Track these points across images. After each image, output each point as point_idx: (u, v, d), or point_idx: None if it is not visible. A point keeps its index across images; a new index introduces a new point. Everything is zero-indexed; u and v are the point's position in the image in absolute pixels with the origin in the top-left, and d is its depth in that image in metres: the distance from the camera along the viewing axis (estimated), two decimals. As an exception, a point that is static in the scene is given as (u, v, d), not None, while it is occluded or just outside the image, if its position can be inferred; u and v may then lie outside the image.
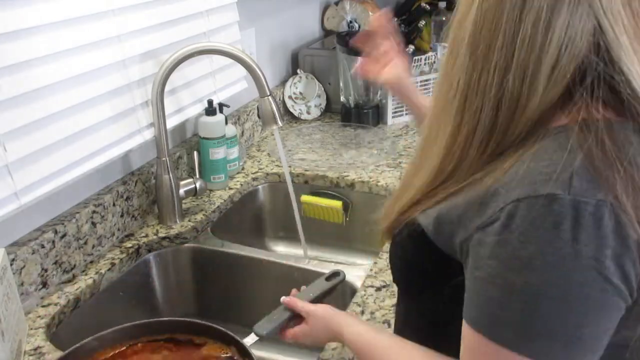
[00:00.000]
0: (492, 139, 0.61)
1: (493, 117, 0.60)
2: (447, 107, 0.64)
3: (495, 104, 0.60)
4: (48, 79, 1.03)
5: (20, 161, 1.00)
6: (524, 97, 0.58)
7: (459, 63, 0.62)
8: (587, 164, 0.54)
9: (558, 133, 0.58)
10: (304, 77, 2.00)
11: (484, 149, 0.62)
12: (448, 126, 0.64)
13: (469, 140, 0.63)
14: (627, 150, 0.55)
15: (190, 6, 1.38)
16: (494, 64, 0.59)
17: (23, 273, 1.04)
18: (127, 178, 1.30)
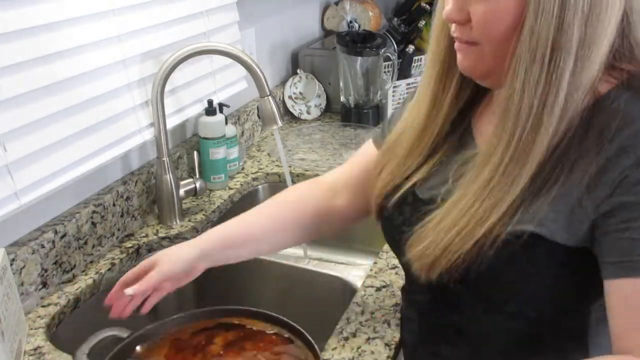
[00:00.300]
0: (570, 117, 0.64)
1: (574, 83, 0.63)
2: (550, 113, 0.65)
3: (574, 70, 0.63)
4: (48, 79, 1.03)
5: (20, 161, 1.00)
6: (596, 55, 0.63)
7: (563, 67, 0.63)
8: None
9: (618, 93, 0.64)
10: (304, 77, 2.00)
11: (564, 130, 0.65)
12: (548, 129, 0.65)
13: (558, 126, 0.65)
14: None
15: (190, 6, 1.38)
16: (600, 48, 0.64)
17: (23, 273, 1.04)
18: (127, 178, 1.30)
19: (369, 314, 1.02)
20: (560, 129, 0.65)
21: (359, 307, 1.04)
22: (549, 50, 0.62)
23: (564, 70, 0.62)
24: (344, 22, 2.20)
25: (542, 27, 0.61)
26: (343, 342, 0.96)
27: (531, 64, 0.63)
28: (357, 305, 1.05)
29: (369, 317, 1.02)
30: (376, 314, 1.02)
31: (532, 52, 0.63)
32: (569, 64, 0.62)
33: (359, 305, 1.05)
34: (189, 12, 1.37)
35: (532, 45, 0.63)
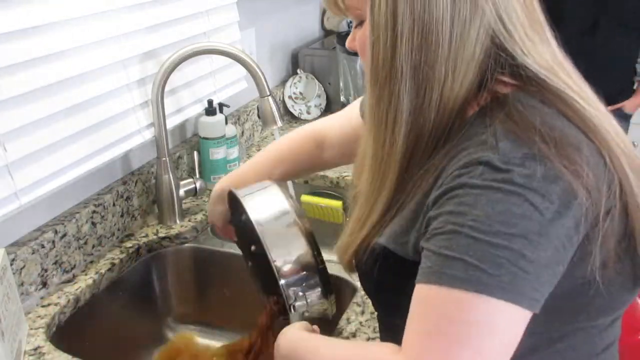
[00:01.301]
0: (418, 132, 0.67)
1: (417, 108, 0.66)
2: (392, 130, 0.68)
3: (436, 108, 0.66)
4: (48, 79, 1.03)
5: (20, 161, 1.00)
6: (454, 91, 0.65)
7: (398, 95, 0.66)
8: (507, 131, 0.61)
9: (475, 119, 0.65)
10: (304, 77, 2.00)
11: (417, 147, 0.67)
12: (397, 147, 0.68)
13: (417, 151, 0.68)
14: (535, 113, 0.62)
15: (190, 6, 1.38)
16: (437, 75, 0.64)
17: (23, 273, 1.04)
18: (127, 178, 1.30)
19: (369, 314, 1.02)
20: (410, 148, 0.68)
21: (359, 307, 1.04)
22: (385, 74, 0.66)
23: (400, 91, 0.65)
24: (344, 22, 2.20)
25: (379, 55, 0.65)
26: (343, 342, 0.95)
27: (374, 86, 0.67)
28: (357, 305, 1.05)
29: (369, 317, 1.01)
30: (376, 314, 1.02)
31: (374, 76, 0.67)
32: (405, 86, 0.65)
33: (359, 305, 1.05)
34: (189, 12, 1.37)
35: (372, 70, 0.67)
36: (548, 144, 0.59)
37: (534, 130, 0.60)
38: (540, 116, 0.62)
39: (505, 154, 0.59)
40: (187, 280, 1.33)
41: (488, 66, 0.65)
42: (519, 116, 0.62)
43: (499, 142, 0.60)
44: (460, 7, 0.63)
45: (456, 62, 0.64)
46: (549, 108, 0.64)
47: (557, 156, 0.59)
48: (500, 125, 0.62)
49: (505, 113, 0.63)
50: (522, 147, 0.59)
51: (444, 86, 0.65)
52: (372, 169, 0.72)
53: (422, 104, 0.65)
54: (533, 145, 0.59)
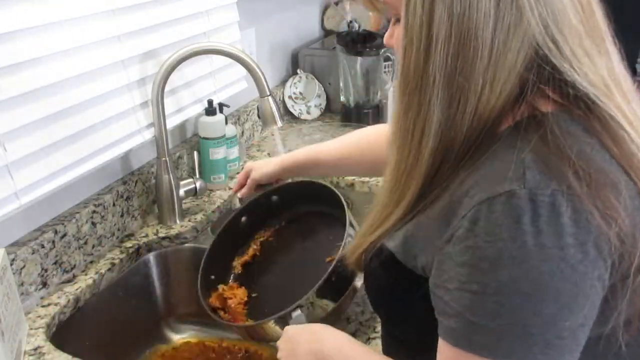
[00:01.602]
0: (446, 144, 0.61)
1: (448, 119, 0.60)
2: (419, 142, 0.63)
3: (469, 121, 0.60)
4: (48, 79, 1.03)
5: (20, 161, 1.00)
6: (491, 104, 0.59)
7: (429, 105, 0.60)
8: (537, 158, 0.55)
9: (507, 135, 0.59)
10: (304, 77, 2.00)
11: (454, 166, 0.62)
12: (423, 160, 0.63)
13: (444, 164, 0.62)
14: (572, 142, 0.56)
15: (190, 6, 1.38)
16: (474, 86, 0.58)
17: (23, 273, 1.04)
18: (127, 178, 1.30)
19: (369, 313, 1.02)
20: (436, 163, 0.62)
21: (359, 307, 1.04)
22: (417, 81, 0.60)
23: (432, 101, 0.60)
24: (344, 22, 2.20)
25: (411, 60, 0.60)
26: (343, 342, 0.95)
27: (404, 93, 0.62)
28: (357, 305, 1.05)
29: (369, 317, 1.01)
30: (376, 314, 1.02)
31: (405, 82, 0.62)
32: (437, 96, 0.59)
33: (359, 305, 1.05)
34: (189, 12, 1.37)
35: (403, 75, 0.62)
36: (581, 180, 0.53)
37: (569, 162, 0.54)
38: (578, 146, 0.56)
39: (531, 188, 0.53)
40: (187, 280, 1.33)
41: (529, 79, 0.59)
42: (555, 143, 0.55)
43: (526, 171, 0.54)
44: (505, 14, 0.56)
45: (495, 74, 0.58)
46: (591, 138, 0.57)
47: (589, 196, 0.53)
48: (531, 151, 0.55)
49: (539, 136, 0.56)
50: (552, 182, 0.53)
51: (480, 98, 0.59)
52: (392, 180, 0.67)
53: (454, 116, 0.60)
54: (564, 180, 0.53)
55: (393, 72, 1.88)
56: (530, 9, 0.56)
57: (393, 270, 0.67)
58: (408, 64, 0.61)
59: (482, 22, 0.56)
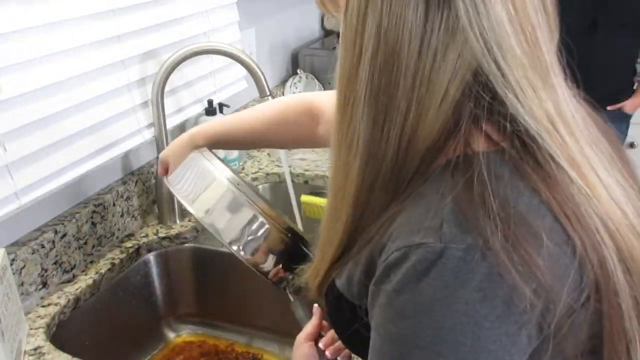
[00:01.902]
0: (390, 183, 0.58)
1: (393, 159, 0.56)
2: (347, 155, 0.59)
3: (395, 144, 0.56)
4: (48, 79, 1.03)
5: (20, 161, 1.00)
6: (420, 133, 0.55)
7: (357, 120, 0.57)
8: (456, 208, 0.51)
9: (436, 175, 0.56)
10: (304, 77, 2.00)
11: (384, 197, 0.59)
12: (353, 177, 0.60)
13: (373, 190, 0.59)
14: (498, 189, 0.52)
15: (190, 6, 1.38)
16: (398, 109, 0.54)
17: (23, 273, 1.04)
18: (127, 178, 1.30)
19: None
20: (365, 185, 0.59)
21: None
22: (347, 94, 0.57)
23: (357, 116, 0.56)
24: (344, 22, 2.20)
25: (344, 71, 0.57)
26: (343, 342, 0.95)
27: (338, 105, 0.59)
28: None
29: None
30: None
31: (339, 93, 0.59)
32: (363, 112, 0.56)
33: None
34: (189, 12, 1.37)
35: (338, 86, 0.59)
36: (500, 234, 0.50)
37: (489, 214, 0.50)
38: (504, 192, 0.52)
39: (446, 242, 0.50)
40: (187, 280, 1.34)
41: (466, 108, 0.53)
42: (479, 190, 0.51)
43: (444, 223, 0.51)
44: (434, 29, 0.51)
45: (423, 97, 0.53)
46: (521, 181, 0.53)
47: (506, 251, 0.49)
48: (453, 199, 0.52)
49: (465, 181, 0.52)
50: (468, 236, 0.50)
51: (405, 122, 0.54)
52: (329, 199, 0.64)
53: (379, 137, 0.56)
54: (481, 235, 0.50)
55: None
56: (469, 26, 0.51)
57: (346, 306, 0.64)
58: (342, 75, 0.57)
59: (407, 39, 0.52)
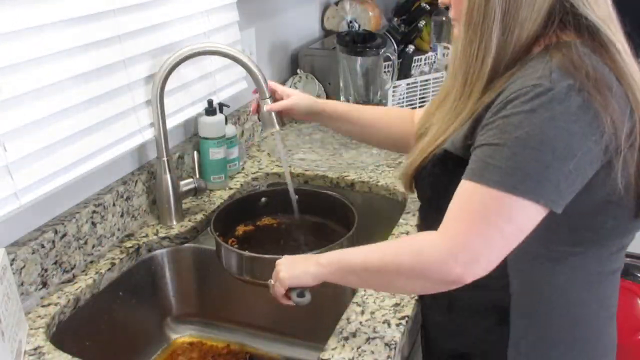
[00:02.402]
0: (499, 62, 0.82)
1: (501, 43, 0.81)
2: (482, 64, 0.83)
3: (516, 43, 0.81)
4: (48, 79, 1.03)
5: (20, 161, 1.00)
6: (529, 32, 0.81)
7: (490, 31, 0.81)
8: (560, 65, 0.76)
9: (540, 53, 0.80)
10: (304, 77, 2.00)
11: (491, 74, 0.82)
12: (482, 79, 0.83)
13: (494, 76, 0.83)
14: (584, 57, 0.77)
15: (190, 6, 1.38)
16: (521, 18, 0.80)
17: (23, 273, 1.04)
18: (127, 178, 1.30)
19: (369, 314, 1.02)
20: (490, 78, 0.83)
21: (359, 307, 1.04)
22: (479, 18, 0.81)
23: (492, 31, 0.80)
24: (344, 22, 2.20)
25: (475, 2, 0.81)
26: (343, 342, 0.96)
27: (467, 29, 0.83)
28: (357, 305, 1.05)
29: (369, 317, 1.02)
30: (376, 314, 1.02)
31: (469, 19, 0.82)
32: (496, 27, 0.80)
33: (359, 305, 1.05)
34: (189, 12, 1.37)
35: (468, 14, 0.82)
36: (589, 80, 0.74)
37: (582, 67, 0.75)
38: (588, 59, 0.77)
39: (554, 81, 0.74)
40: (187, 280, 1.34)
41: (555, 10, 0.80)
42: (573, 56, 0.76)
43: (552, 73, 0.75)
44: None
45: (534, 6, 0.79)
46: (595, 55, 0.78)
47: (593, 90, 0.74)
48: (557, 61, 0.76)
49: (562, 53, 0.77)
50: (569, 79, 0.74)
51: (523, 27, 0.80)
52: (457, 95, 0.87)
53: (505, 41, 0.81)
54: (577, 78, 0.74)
55: (393, 72, 1.88)
56: None
57: (445, 164, 0.87)
58: (472, 4, 0.81)
59: None
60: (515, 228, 0.76)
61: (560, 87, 0.74)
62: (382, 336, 0.96)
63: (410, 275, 0.82)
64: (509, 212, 0.75)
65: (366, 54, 1.82)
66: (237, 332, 1.32)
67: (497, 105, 0.78)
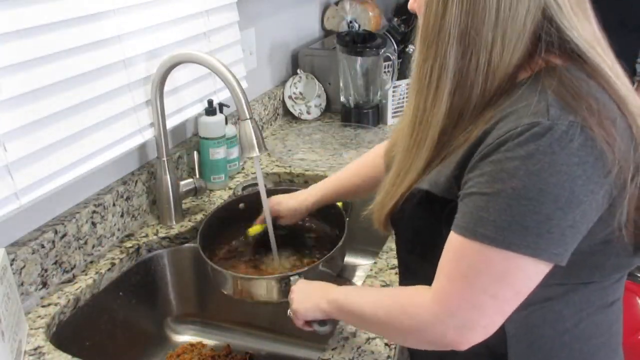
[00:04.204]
0: (462, 88, 0.73)
1: (462, 68, 0.72)
2: (437, 87, 0.74)
3: (484, 71, 0.72)
4: (48, 79, 1.03)
5: (20, 161, 1.00)
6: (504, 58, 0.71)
7: (443, 57, 0.72)
8: (557, 97, 0.67)
9: (528, 82, 0.71)
10: (304, 77, 2.00)
11: (465, 107, 0.74)
12: (440, 104, 0.74)
13: (462, 105, 0.74)
14: (583, 86, 0.69)
15: (190, 6, 1.38)
16: (484, 41, 0.70)
17: (23, 273, 1.04)
18: (127, 178, 1.30)
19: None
20: (455, 108, 0.74)
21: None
22: (434, 35, 0.72)
23: (447, 52, 0.71)
24: (344, 22, 2.20)
25: (430, 15, 0.72)
26: (343, 342, 0.96)
27: (422, 46, 0.74)
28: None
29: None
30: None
31: (424, 35, 0.74)
32: (452, 47, 0.71)
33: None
34: (189, 12, 1.37)
35: (423, 29, 0.74)
36: (592, 114, 0.66)
37: (582, 99, 0.67)
38: (587, 87, 0.69)
39: (554, 119, 0.65)
40: (187, 280, 1.34)
41: (540, 37, 0.71)
42: (570, 84, 0.68)
43: (549, 107, 0.66)
44: None
45: (505, 30, 0.69)
46: (592, 81, 0.71)
47: (597, 126, 0.66)
48: (553, 92, 0.68)
49: (558, 80, 0.69)
50: (570, 115, 0.66)
51: (492, 52, 0.70)
52: (412, 124, 0.78)
53: (468, 67, 0.71)
54: (579, 112, 0.66)
55: (393, 72, 1.88)
56: None
57: (428, 206, 0.77)
58: (428, 19, 0.72)
59: None
60: (512, 291, 0.69)
61: (561, 126, 0.65)
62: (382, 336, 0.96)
63: (403, 334, 0.77)
64: (503, 274, 0.67)
65: (366, 54, 1.82)
66: (238, 332, 1.32)
67: (488, 147, 0.69)
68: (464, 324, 0.70)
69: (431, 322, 0.72)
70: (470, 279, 0.69)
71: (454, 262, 0.71)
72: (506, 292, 0.68)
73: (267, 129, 1.88)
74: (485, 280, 0.68)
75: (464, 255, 0.69)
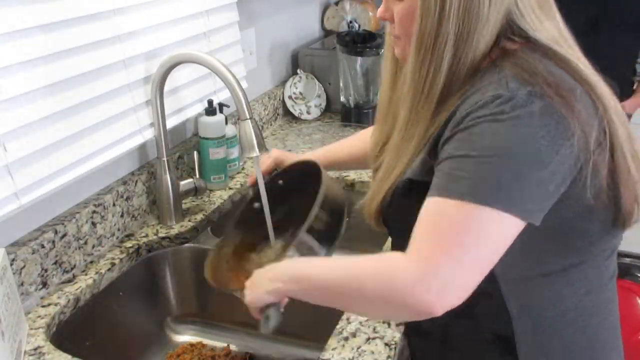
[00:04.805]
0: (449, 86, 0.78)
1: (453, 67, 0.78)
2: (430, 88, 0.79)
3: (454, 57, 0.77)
4: (48, 79, 1.03)
5: (20, 161, 1.00)
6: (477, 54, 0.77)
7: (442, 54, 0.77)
8: (515, 73, 0.73)
9: (489, 66, 0.77)
10: (304, 77, 2.00)
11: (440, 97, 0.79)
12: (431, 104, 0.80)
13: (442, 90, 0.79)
14: (538, 64, 0.74)
15: (190, 6, 1.38)
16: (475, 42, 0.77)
17: (23, 273, 1.04)
18: (127, 178, 1.30)
19: (369, 314, 1.02)
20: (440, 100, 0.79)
21: (359, 307, 1.04)
22: (432, 41, 0.77)
23: (444, 55, 0.77)
24: (344, 22, 2.20)
25: (427, 24, 0.77)
26: (343, 342, 0.96)
27: (418, 53, 0.78)
28: (357, 305, 1.05)
29: (369, 317, 1.01)
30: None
31: (420, 42, 0.78)
32: (447, 53, 0.77)
33: (359, 305, 1.04)
34: (189, 12, 1.37)
35: (419, 37, 0.78)
36: (550, 86, 0.71)
37: (538, 74, 0.73)
38: (543, 65, 0.74)
39: (513, 90, 0.71)
40: (187, 280, 1.33)
41: (503, 33, 0.77)
42: (526, 63, 0.74)
43: (508, 83, 0.72)
44: None
45: (485, 32, 0.76)
46: (549, 60, 0.76)
47: (555, 95, 0.71)
48: (510, 70, 0.74)
49: (513, 61, 0.75)
50: (527, 86, 0.71)
51: (476, 51, 0.77)
52: (406, 124, 0.83)
53: (457, 64, 0.77)
54: (536, 85, 0.71)
55: (393, 72, 1.88)
56: None
57: (414, 194, 0.78)
58: (424, 27, 0.77)
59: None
60: (489, 248, 0.70)
61: (521, 94, 0.70)
62: (382, 336, 0.96)
63: (374, 301, 0.73)
64: (479, 227, 0.69)
65: (366, 54, 1.83)
66: (238, 332, 1.32)
67: (455, 121, 0.74)
68: (445, 283, 0.68)
69: (410, 284, 0.69)
70: (448, 236, 0.69)
71: (430, 224, 0.72)
72: (484, 248, 0.70)
73: (267, 129, 1.88)
74: (463, 236, 0.69)
75: (439, 214, 0.71)
